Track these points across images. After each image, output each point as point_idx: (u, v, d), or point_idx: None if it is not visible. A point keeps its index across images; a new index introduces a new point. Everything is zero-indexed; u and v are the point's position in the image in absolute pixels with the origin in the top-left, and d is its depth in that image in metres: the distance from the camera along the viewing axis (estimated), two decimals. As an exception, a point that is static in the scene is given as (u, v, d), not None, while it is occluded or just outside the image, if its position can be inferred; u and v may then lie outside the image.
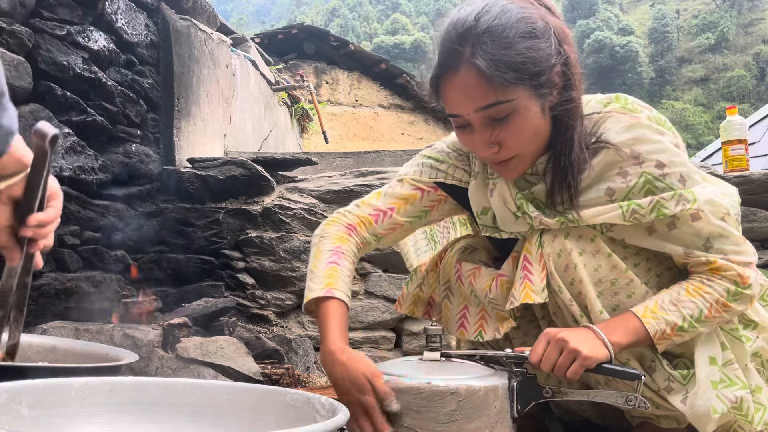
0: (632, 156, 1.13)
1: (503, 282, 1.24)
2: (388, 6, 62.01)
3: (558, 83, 1.12)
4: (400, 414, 1.09)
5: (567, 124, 1.15)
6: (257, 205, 2.48)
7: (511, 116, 1.09)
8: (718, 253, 1.14)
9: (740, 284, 1.13)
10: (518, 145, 1.13)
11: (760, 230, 2.19)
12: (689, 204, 1.11)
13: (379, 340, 2.32)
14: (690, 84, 45.21)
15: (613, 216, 1.13)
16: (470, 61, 1.07)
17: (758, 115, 5.29)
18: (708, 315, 1.13)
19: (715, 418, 1.13)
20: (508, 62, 1.06)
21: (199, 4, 3.14)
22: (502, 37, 1.06)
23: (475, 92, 1.08)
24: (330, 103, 8.62)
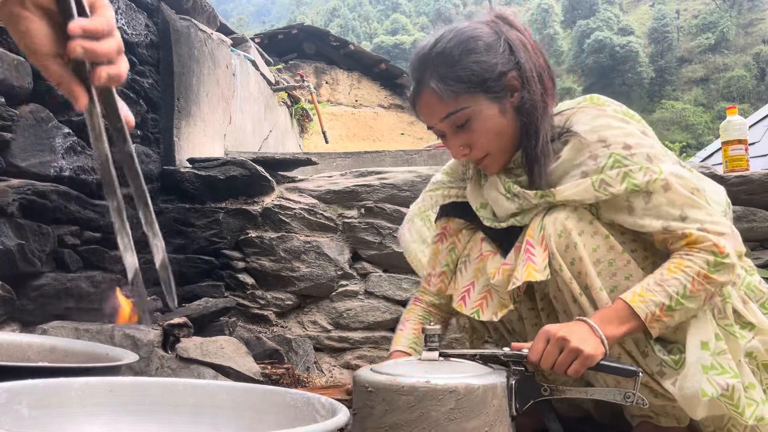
0: (600, 140, 1.23)
1: (505, 270, 1.31)
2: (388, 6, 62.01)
3: (515, 86, 1.28)
4: (399, 413, 1.09)
5: (529, 120, 1.28)
6: (257, 205, 2.48)
7: (471, 121, 1.27)
8: (695, 222, 1.18)
9: (718, 254, 1.16)
10: (485, 144, 1.29)
11: (760, 230, 2.19)
12: (656, 175, 1.18)
13: (379, 340, 2.32)
14: (690, 84, 45.21)
15: (583, 188, 1.22)
16: (426, 82, 1.28)
17: (758, 115, 5.29)
18: (692, 289, 1.16)
19: (704, 401, 1.14)
20: (454, 77, 1.25)
21: (199, 4, 3.14)
22: (449, 57, 1.26)
23: (434, 107, 1.29)
24: (330, 103, 8.62)
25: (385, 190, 2.43)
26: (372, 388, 1.11)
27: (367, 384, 1.12)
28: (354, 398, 1.16)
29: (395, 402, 1.08)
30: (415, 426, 1.07)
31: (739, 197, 2.22)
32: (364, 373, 1.17)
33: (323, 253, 2.37)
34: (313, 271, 2.36)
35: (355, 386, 1.18)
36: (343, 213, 2.45)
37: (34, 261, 1.79)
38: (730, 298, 1.25)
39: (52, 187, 1.88)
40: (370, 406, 1.12)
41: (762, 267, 2.13)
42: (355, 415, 1.14)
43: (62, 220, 1.95)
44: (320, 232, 2.43)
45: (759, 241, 2.23)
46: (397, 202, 2.41)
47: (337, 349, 2.32)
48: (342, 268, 2.37)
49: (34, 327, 1.76)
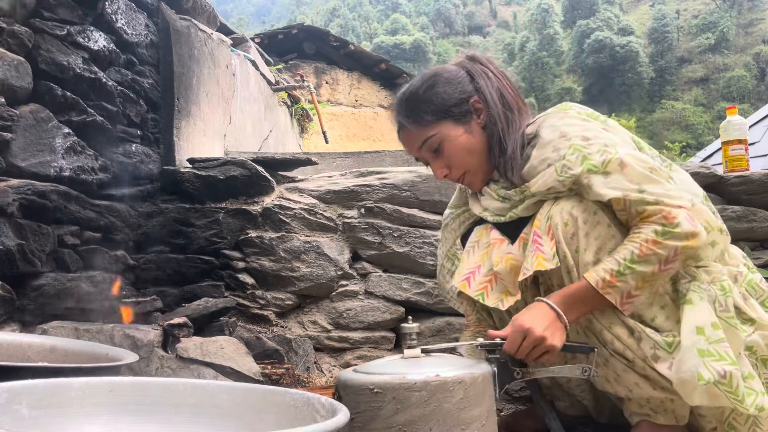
0: (561, 135, 1.35)
1: (508, 259, 1.40)
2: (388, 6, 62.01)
3: (479, 108, 1.46)
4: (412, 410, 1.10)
5: (493, 133, 1.46)
6: (257, 205, 2.48)
7: (442, 144, 1.46)
8: (651, 195, 1.24)
9: (667, 224, 1.22)
10: (459, 163, 1.47)
11: (760, 230, 2.19)
12: (611, 155, 1.28)
13: (379, 340, 2.32)
14: (690, 84, 45.19)
15: (548, 176, 1.34)
16: (402, 122, 1.51)
17: (758, 115, 5.29)
18: (639, 253, 1.23)
19: (701, 385, 1.16)
20: (421, 110, 1.47)
21: (199, 4, 3.14)
22: (415, 95, 1.48)
23: (411, 140, 1.51)
24: (330, 103, 8.62)
25: (385, 190, 2.43)
26: (378, 389, 1.10)
27: (372, 385, 1.11)
28: (349, 403, 1.11)
29: (408, 399, 1.09)
30: (430, 420, 1.09)
31: (739, 197, 2.22)
32: (362, 376, 1.15)
33: (323, 253, 2.37)
34: (313, 271, 2.36)
35: (349, 390, 1.15)
36: (343, 213, 2.45)
37: (34, 261, 1.79)
38: (731, 293, 1.27)
39: (52, 187, 1.88)
40: (375, 407, 1.10)
41: (762, 267, 2.13)
42: (352, 420, 1.12)
43: (62, 220, 1.95)
44: (320, 232, 2.43)
45: (759, 241, 2.23)
46: (397, 202, 2.41)
47: (337, 349, 2.32)
48: (342, 268, 2.37)
49: (34, 327, 1.76)
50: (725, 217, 2.15)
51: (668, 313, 1.27)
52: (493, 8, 66.05)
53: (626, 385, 1.31)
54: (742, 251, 1.48)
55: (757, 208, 2.20)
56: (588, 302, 1.27)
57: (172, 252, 2.43)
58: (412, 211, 2.39)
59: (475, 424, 1.13)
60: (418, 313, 2.30)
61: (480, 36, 59.84)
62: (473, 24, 62.72)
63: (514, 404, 1.96)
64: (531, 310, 1.29)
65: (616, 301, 1.24)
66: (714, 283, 1.28)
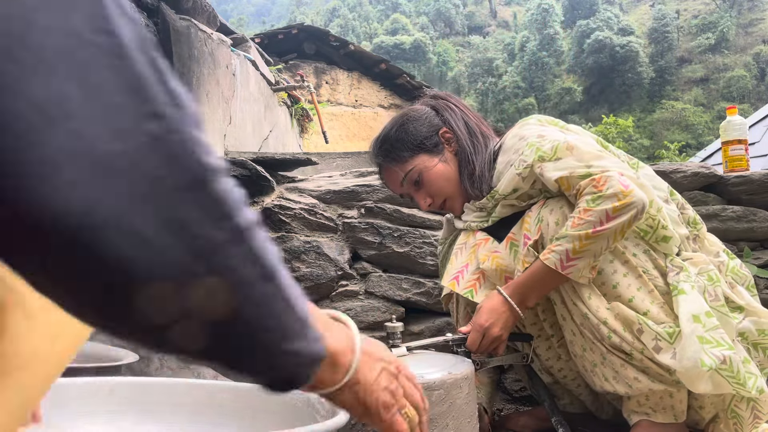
0: (520, 138, 1.46)
1: (495, 258, 1.47)
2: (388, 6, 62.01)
3: (449, 138, 1.57)
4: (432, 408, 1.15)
5: (463, 156, 1.57)
6: (257, 205, 2.48)
7: (422, 175, 1.55)
8: (598, 168, 1.30)
9: (597, 190, 1.27)
10: (439, 191, 1.56)
11: (760, 230, 2.19)
12: (560, 141, 1.36)
13: (380, 340, 2.32)
14: (690, 84, 45.21)
15: (510, 174, 1.43)
16: (380, 162, 1.61)
17: (758, 115, 5.29)
18: (573, 224, 1.29)
19: (704, 372, 1.18)
20: (394, 149, 1.56)
21: (199, 4, 3.14)
22: (389, 137, 1.58)
23: (392, 177, 1.60)
24: (330, 103, 8.62)
25: (385, 190, 2.43)
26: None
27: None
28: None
29: (428, 398, 1.12)
30: (447, 416, 1.15)
31: (739, 197, 2.22)
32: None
33: (323, 253, 2.37)
34: (313, 271, 2.36)
35: None
36: (343, 213, 2.45)
37: (34, 261, 1.78)
38: (719, 282, 1.32)
39: (52, 187, 1.88)
40: None
41: (762, 267, 2.13)
42: (366, 425, 1.13)
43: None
44: (320, 232, 2.43)
45: (759, 241, 2.23)
46: (397, 202, 2.41)
47: (337, 349, 2.32)
48: (342, 268, 2.37)
49: (34, 327, 1.76)
50: (725, 217, 2.15)
51: (659, 307, 1.29)
52: (493, 8, 66.04)
53: (626, 381, 1.32)
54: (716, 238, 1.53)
55: (757, 208, 2.20)
56: (541, 281, 1.34)
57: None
58: (412, 211, 2.39)
59: (475, 413, 1.23)
60: (418, 313, 2.30)
61: (480, 36, 59.81)
62: (473, 24, 62.74)
63: (514, 404, 1.97)
64: (490, 308, 1.39)
65: (557, 266, 1.29)
66: (702, 274, 1.32)
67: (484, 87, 47.72)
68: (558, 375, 1.57)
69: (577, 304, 1.34)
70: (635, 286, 1.31)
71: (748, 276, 1.43)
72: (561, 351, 1.51)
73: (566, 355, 1.50)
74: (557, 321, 1.45)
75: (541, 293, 1.38)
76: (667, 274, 1.31)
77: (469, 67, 51.55)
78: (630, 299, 1.30)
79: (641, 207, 1.26)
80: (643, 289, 1.30)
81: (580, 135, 1.46)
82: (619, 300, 1.31)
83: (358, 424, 1.12)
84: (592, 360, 1.36)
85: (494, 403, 1.77)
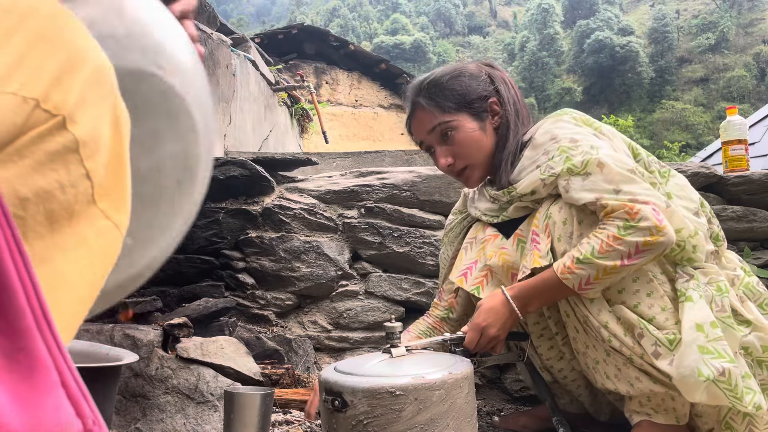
0: (551, 138, 1.41)
1: (501, 254, 1.47)
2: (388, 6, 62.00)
3: (496, 110, 1.52)
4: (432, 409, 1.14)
5: (501, 137, 1.52)
6: (257, 205, 2.48)
7: (454, 133, 1.49)
8: (627, 195, 1.26)
9: (630, 219, 1.24)
10: (465, 155, 1.51)
11: (760, 230, 2.19)
12: (592, 156, 1.31)
13: (379, 341, 2.32)
14: (690, 84, 45.19)
15: (533, 176, 1.40)
16: (418, 102, 1.53)
17: (758, 115, 5.29)
18: (600, 248, 1.25)
19: (701, 382, 1.16)
20: (442, 96, 1.50)
21: (199, 4, 3.14)
22: (438, 82, 1.52)
23: (424, 121, 1.53)
24: (330, 103, 8.62)
25: (385, 190, 2.43)
26: (400, 391, 1.11)
27: (393, 388, 1.11)
28: (359, 406, 1.11)
29: (429, 399, 1.12)
30: (447, 416, 1.14)
31: (739, 197, 2.22)
32: (380, 379, 1.14)
33: (323, 253, 2.37)
34: (313, 271, 2.36)
35: (362, 393, 1.13)
36: (343, 213, 2.45)
37: (34, 261, 1.78)
38: (727, 293, 1.29)
39: (52, 187, 1.88)
40: (396, 410, 1.10)
41: (762, 267, 2.13)
42: (367, 425, 1.11)
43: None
44: (320, 232, 2.43)
45: (759, 241, 2.23)
46: (397, 202, 2.41)
47: (337, 349, 2.32)
48: (342, 268, 2.37)
49: (34, 327, 1.76)
50: (725, 217, 2.15)
51: (667, 314, 1.27)
52: (493, 8, 66.00)
53: (627, 380, 1.32)
54: (738, 256, 1.50)
55: (757, 208, 2.20)
56: (549, 291, 1.33)
57: (172, 252, 2.43)
58: (412, 211, 2.39)
59: (474, 413, 1.23)
60: (418, 313, 2.29)
61: (480, 36, 59.78)
62: (473, 24, 62.70)
63: (514, 404, 1.96)
64: (490, 307, 1.39)
65: (574, 286, 1.27)
66: (711, 284, 1.29)
67: (484, 87, 47.62)
68: (558, 375, 1.57)
69: (579, 305, 1.33)
70: (645, 290, 1.29)
71: (763, 294, 1.39)
72: (565, 349, 1.50)
73: (570, 353, 1.49)
74: (561, 318, 1.44)
75: (546, 301, 1.38)
76: (676, 279, 1.30)
77: (469, 67, 51.45)
78: (635, 305, 1.28)
79: (669, 245, 1.25)
80: (655, 294, 1.29)
81: (613, 140, 1.42)
82: (624, 305, 1.29)
83: (359, 425, 1.11)
84: (595, 357, 1.36)
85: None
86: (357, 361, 1.30)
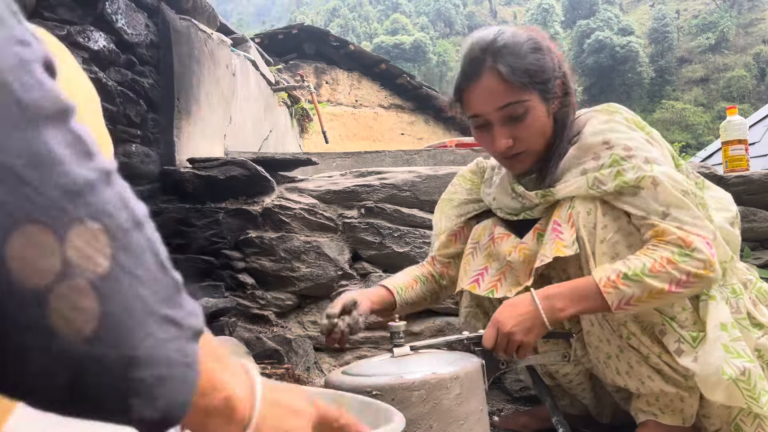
0: (604, 142, 1.29)
1: (521, 248, 1.38)
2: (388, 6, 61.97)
3: (559, 94, 1.35)
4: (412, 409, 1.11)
5: (560, 125, 1.37)
6: (257, 205, 2.48)
7: (525, 114, 1.31)
8: (675, 221, 1.21)
9: (685, 247, 1.19)
10: (529, 140, 1.34)
11: (760, 230, 2.19)
12: (646, 172, 1.23)
13: (379, 340, 2.32)
14: (690, 84, 45.18)
15: (578, 186, 1.29)
16: (493, 67, 1.29)
17: (758, 115, 5.29)
18: (653, 268, 1.18)
19: (723, 380, 1.16)
20: (523, 69, 1.29)
21: (199, 4, 3.14)
22: (517, 49, 1.30)
23: (496, 93, 1.30)
24: (330, 103, 8.62)
25: (385, 190, 2.43)
26: (378, 391, 1.09)
27: (370, 387, 1.10)
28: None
29: (408, 399, 1.09)
30: (430, 417, 1.10)
31: (739, 197, 2.21)
32: (359, 379, 1.14)
33: (323, 253, 2.37)
34: (313, 271, 2.36)
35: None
36: (343, 213, 2.45)
37: (34, 261, 1.78)
38: (742, 295, 1.29)
39: (52, 187, 1.88)
40: None
41: (762, 267, 2.13)
42: None
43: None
44: (320, 232, 2.43)
45: (759, 241, 2.23)
46: (397, 202, 2.41)
47: (337, 349, 2.32)
48: (342, 268, 2.37)
49: (34, 327, 1.76)
50: (725, 217, 2.15)
51: (687, 314, 1.26)
52: (493, 8, 65.98)
53: (638, 378, 1.31)
54: (746, 264, 1.49)
55: (757, 208, 2.20)
56: (585, 301, 1.22)
57: (172, 252, 2.43)
58: (412, 211, 2.39)
59: (471, 417, 1.16)
60: (418, 313, 2.29)
61: (480, 36, 59.62)
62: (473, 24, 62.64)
63: (514, 404, 1.96)
64: (512, 303, 1.27)
65: (613, 303, 1.19)
66: (725, 286, 1.29)
67: (484, 87, 47.67)
68: (563, 380, 1.55)
69: None
70: None
71: None
72: (577, 344, 1.45)
73: (581, 349, 1.46)
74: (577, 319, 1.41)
75: (579, 312, 1.25)
76: None
77: (469, 67, 51.48)
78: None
79: (714, 284, 1.23)
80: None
81: (663, 148, 1.34)
82: None
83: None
84: (607, 352, 1.34)
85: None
86: (364, 361, 1.31)
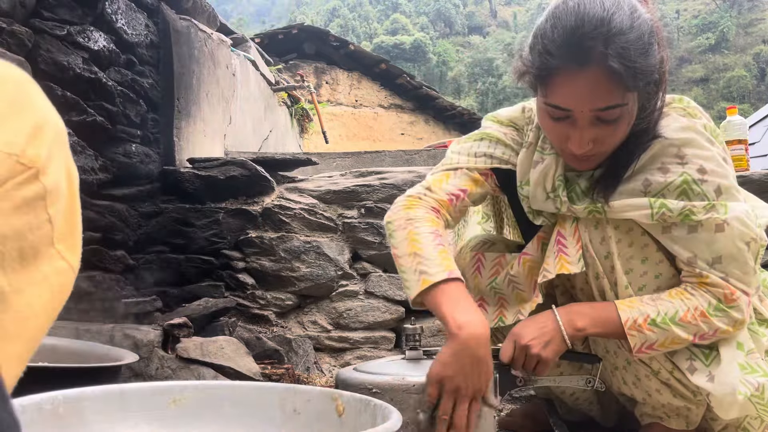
0: (678, 156, 1.13)
1: (525, 261, 1.28)
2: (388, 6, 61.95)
3: (656, 90, 1.14)
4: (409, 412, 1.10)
5: (644, 130, 1.16)
6: (257, 205, 2.48)
7: (618, 119, 1.08)
8: (721, 272, 1.13)
9: (724, 302, 1.13)
10: (610, 144, 1.13)
11: (760, 230, 2.19)
12: (720, 215, 1.11)
13: (379, 340, 2.32)
14: (690, 84, 45.16)
15: (641, 214, 1.14)
16: (603, 60, 1.02)
17: (758, 115, 5.29)
18: (683, 317, 1.12)
19: (739, 399, 1.13)
20: (641, 70, 1.04)
21: (199, 4, 3.14)
22: (633, 43, 1.03)
23: (599, 92, 1.05)
24: (330, 103, 8.62)
25: (385, 190, 2.42)
26: (377, 389, 1.09)
27: (371, 385, 1.10)
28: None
29: (405, 401, 1.08)
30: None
31: (739, 197, 2.22)
32: (363, 375, 1.15)
33: (323, 253, 2.37)
34: (313, 271, 2.36)
35: (349, 389, 1.15)
36: (343, 213, 2.45)
37: (34, 261, 1.78)
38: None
39: (52, 187, 1.88)
40: None
41: (762, 267, 2.13)
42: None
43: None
44: (320, 232, 2.43)
45: (759, 241, 2.22)
46: (397, 202, 2.41)
47: (337, 349, 2.32)
48: (342, 268, 2.37)
49: (34, 327, 1.76)
50: (725, 217, 2.15)
51: None
52: (493, 8, 65.94)
53: (645, 390, 1.29)
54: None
55: (757, 208, 2.20)
56: (606, 329, 1.17)
57: (172, 252, 2.43)
58: (412, 211, 2.39)
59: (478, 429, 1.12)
60: (418, 314, 2.29)
61: (480, 36, 59.73)
62: (473, 24, 62.64)
63: (514, 404, 1.96)
64: (534, 319, 1.21)
65: (635, 346, 1.14)
66: None
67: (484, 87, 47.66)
68: (569, 399, 1.50)
69: None
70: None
71: None
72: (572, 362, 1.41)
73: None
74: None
75: (596, 335, 1.20)
76: None
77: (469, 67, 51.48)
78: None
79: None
80: None
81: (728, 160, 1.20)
82: None
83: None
84: (614, 363, 1.32)
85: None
86: (378, 360, 1.31)
